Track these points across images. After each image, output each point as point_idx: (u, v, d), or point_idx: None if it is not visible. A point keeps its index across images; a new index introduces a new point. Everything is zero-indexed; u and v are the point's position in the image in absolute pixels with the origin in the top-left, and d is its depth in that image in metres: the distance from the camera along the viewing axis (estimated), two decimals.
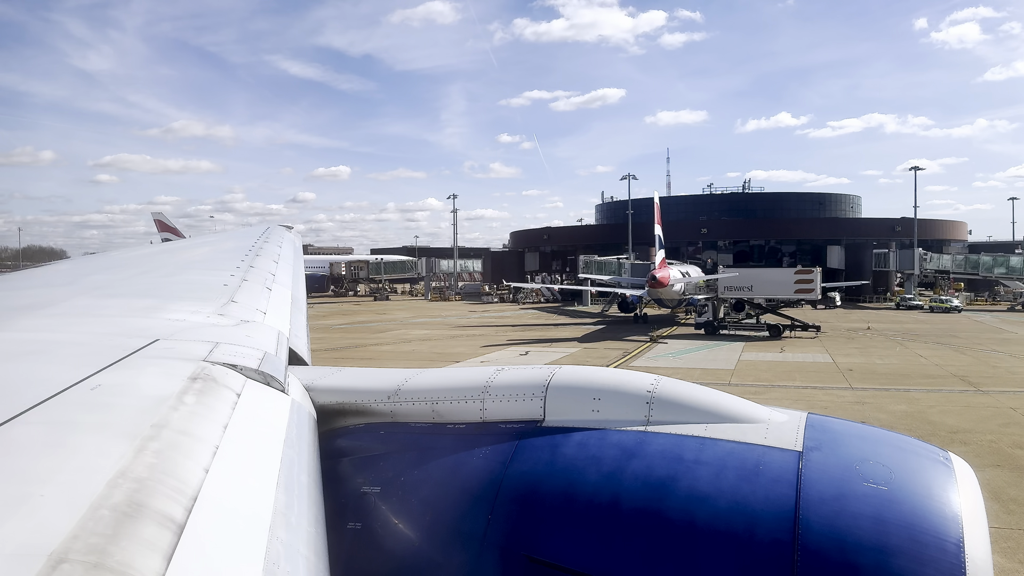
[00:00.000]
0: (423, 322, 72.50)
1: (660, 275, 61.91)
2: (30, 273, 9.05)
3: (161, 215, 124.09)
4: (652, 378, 3.83)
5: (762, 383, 33.96)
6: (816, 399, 29.62)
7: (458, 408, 3.90)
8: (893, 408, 27.68)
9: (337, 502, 3.50)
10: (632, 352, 46.85)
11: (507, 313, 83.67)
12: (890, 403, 28.75)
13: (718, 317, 60.58)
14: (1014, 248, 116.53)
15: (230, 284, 6.65)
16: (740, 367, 39.68)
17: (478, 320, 73.81)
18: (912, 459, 3.28)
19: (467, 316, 79.05)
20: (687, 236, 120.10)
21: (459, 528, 3.40)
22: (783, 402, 20.25)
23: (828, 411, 6.20)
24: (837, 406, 27.87)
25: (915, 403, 28.68)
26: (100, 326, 4.43)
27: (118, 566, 1.71)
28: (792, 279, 58.89)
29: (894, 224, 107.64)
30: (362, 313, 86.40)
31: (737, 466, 3.24)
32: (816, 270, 59.35)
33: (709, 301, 61.56)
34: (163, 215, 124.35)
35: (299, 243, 13.60)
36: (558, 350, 47.72)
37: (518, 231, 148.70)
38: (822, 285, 71.26)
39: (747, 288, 59.74)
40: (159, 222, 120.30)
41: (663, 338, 56.42)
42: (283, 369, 3.92)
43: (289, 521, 2.44)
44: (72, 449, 2.28)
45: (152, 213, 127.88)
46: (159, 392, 2.92)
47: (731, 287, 59.81)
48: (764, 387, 32.74)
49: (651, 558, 3.05)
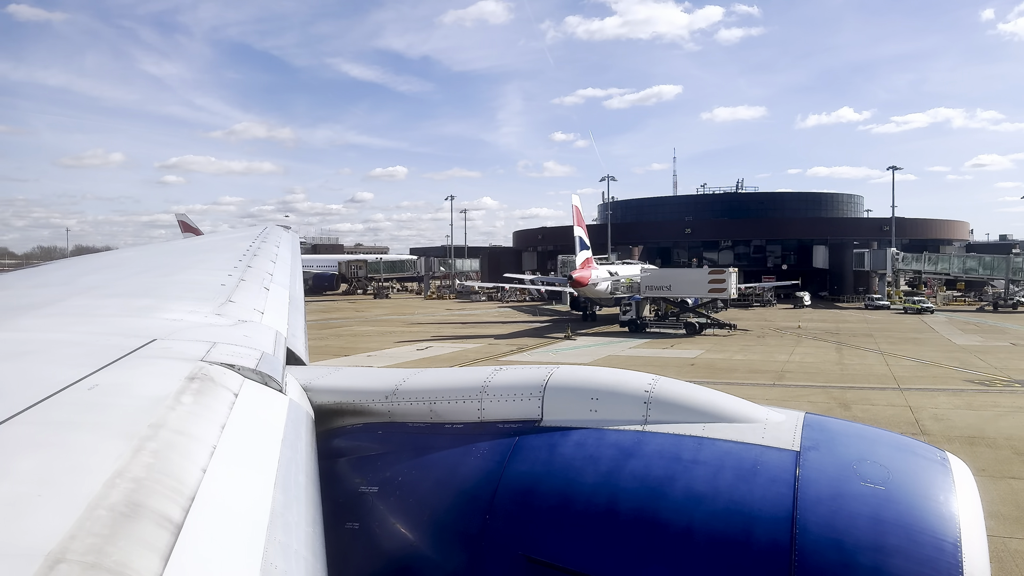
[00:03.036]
0: (389, 319, 75.39)
1: (577, 275, 64.22)
2: (28, 273, 9.03)
3: (184, 216, 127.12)
4: (650, 378, 3.83)
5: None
6: None
7: (456, 408, 3.90)
8: None
9: (335, 502, 3.50)
10: (531, 348, 50.60)
11: (478, 311, 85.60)
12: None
13: (642, 315, 62.75)
14: (1012, 248, 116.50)
15: (227, 284, 6.64)
16: (604, 360, 42.73)
17: (441, 318, 76.16)
18: (910, 459, 3.28)
19: (437, 314, 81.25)
20: (673, 236, 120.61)
21: (457, 528, 3.40)
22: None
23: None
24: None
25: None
26: (97, 326, 4.43)
27: (115, 566, 1.70)
28: (706, 279, 60.87)
29: (883, 224, 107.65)
30: (342, 311, 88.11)
31: (734, 466, 3.24)
32: (728, 270, 61.04)
33: (632, 300, 63.53)
34: (186, 216, 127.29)
35: (297, 243, 13.59)
36: (461, 345, 51.27)
37: (520, 231, 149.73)
38: (761, 285, 79.52)
39: (666, 288, 62.08)
40: (182, 223, 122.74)
41: (586, 335, 58.77)
42: (281, 369, 3.91)
43: (287, 521, 2.44)
44: (69, 449, 2.27)
45: (176, 214, 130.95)
46: (156, 392, 2.91)
47: (652, 286, 62.09)
48: None
49: (649, 558, 3.05)
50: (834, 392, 32.16)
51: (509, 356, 45.67)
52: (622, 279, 65.98)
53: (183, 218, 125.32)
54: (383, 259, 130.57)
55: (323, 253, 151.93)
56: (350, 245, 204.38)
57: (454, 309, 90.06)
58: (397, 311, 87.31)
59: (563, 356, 45.94)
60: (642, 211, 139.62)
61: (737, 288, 74.19)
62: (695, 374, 36.98)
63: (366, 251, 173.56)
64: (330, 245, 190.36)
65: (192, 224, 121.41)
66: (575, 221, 70.87)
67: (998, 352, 45.63)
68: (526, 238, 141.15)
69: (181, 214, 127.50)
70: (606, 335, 58.93)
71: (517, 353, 47.20)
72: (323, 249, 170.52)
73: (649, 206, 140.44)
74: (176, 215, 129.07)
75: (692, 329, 58.92)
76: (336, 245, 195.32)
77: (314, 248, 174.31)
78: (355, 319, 75.38)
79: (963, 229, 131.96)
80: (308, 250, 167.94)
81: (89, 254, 16.36)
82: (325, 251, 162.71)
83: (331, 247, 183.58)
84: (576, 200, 73.00)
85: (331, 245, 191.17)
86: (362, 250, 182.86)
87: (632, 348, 50.66)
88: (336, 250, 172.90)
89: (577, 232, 69.80)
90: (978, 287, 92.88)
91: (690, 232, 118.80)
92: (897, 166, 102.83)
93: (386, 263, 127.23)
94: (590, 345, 52.14)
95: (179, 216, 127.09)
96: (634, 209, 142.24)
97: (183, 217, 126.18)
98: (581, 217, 71.85)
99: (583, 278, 63.72)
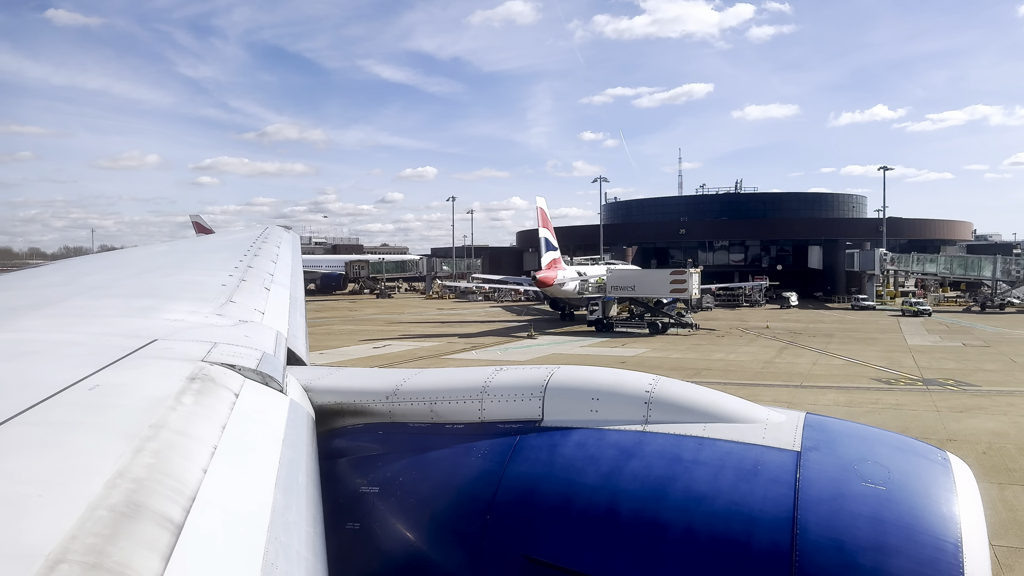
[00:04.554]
0: (374, 319, 76.89)
1: (541, 276, 65.42)
2: (29, 273, 9.03)
3: (198, 217, 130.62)
4: (651, 378, 3.82)
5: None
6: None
7: (456, 408, 3.90)
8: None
9: (336, 502, 3.50)
10: (486, 346, 52.21)
11: (468, 311, 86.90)
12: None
13: (608, 315, 63.75)
14: (1012, 248, 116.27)
15: (228, 284, 6.64)
16: (547, 359, 43.94)
17: (427, 318, 77.65)
18: (910, 459, 3.28)
19: (426, 314, 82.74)
20: (669, 237, 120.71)
21: (457, 528, 3.40)
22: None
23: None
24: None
25: None
26: (98, 326, 4.43)
27: (116, 566, 1.70)
28: (668, 279, 61.69)
29: (878, 224, 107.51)
30: (336, 310, 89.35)
31: (735, 466, 3.24)
32: (690, 271, 61.72)
33: (600, 300, 64.52)
34: (200, 217, 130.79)
35: (298, 244, 13.59)
36: (419, 343, 53.27)
37: (522, 231, 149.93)
38: (722, 286, 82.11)
39: (631, 288, 63.13)
40: (196, 224, 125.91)
41: (553, 334, 60.14)
42: (281, 369, 3.92)
43: (287, 521, 2.44)
44: (70, 449, 2.27)
45: (190, 215, 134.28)
46: (157, 392, 2.91)
47: (617, 286, 63.23)
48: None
49: (650, 558, 3.05)
50: (730, 388, 32.94)
51: (455, 354, 47.70)
52: (591, 279, 67.01)
53: (197, 219, 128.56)
54: (385, 259, 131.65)
55: (343, 253, 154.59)
56: (376, 246, 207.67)
57: (446, 309, 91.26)
58: (389, 311, 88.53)
59: (510, 355, 47.83)
60: (644, 211, 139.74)
61: (715, 290, 76.42)
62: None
63: (388, 252, 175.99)
64: (350, 245, 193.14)
65: (206, 225, 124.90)
66: (540, 223, 71.76)
67: (941, 352, 46.80)
68: (527, 238, 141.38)
69: (195, 215, 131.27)
70: (573, 334, 60.17)
71: (468, 351, 49.33)
72: (343, 249, 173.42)
73: (651, 206, 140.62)
74: (191, 216, 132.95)
75: (655, 328, 60.32)
76: (356, 245, 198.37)
77: (334, 248, 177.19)
78: (341, 318, 76.58)
79: (965, 229, 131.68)
80: (329, 250, 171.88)
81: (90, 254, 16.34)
82: (345, 251, 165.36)
83: (351, 247, 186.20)
84: (542, 202, 73.65)
85: (351, 245, 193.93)
86: (384, 251, 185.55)
87: (582, 347, 52.06)
88: (356, 250, 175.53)
89: (543, 233, 70.84)
90: (976, 287, 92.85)
91: (684, 233, 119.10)
92: (888, 166, 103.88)
93: (389, 263, 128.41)
94: (545, 344, 53.79)
95: (193, 217, 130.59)
96: (636, 209, 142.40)
97: (197, 218, 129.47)
98: (547, 219, 72.77)
99: (547, 278, 65.03)
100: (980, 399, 30.80)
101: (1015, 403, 29.97)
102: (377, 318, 77.74)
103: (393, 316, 79.80)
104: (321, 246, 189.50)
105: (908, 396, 31.70)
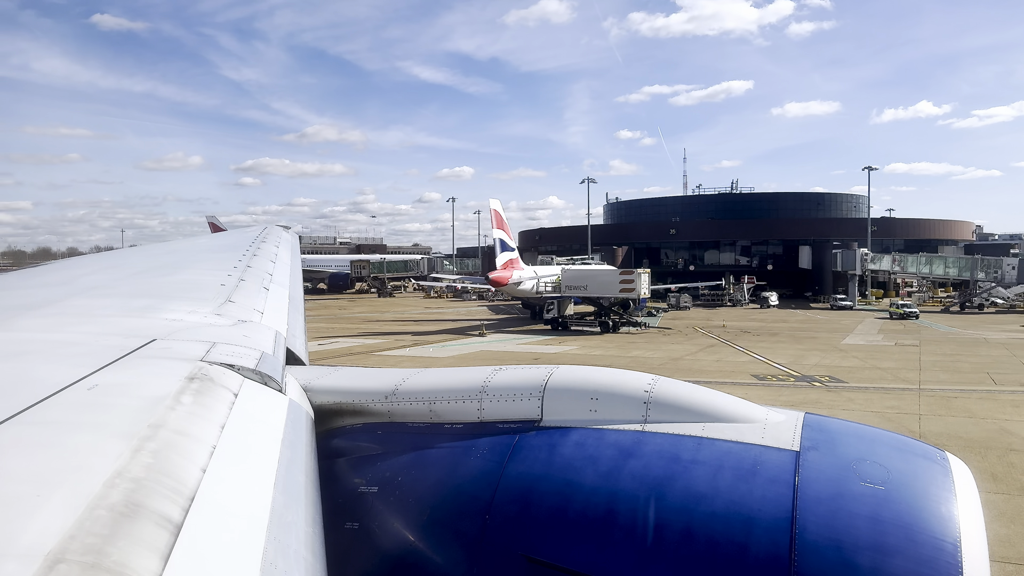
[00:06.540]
0: (357, 317, 78.24)
1: (494, 276, 66.43)
2: (28, 273, 9.03)
3: (214, 217, 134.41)
4: (650, 378, 3.82)
5: (463, 365, 40.44)
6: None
7: (456, 408, 3.90)
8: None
9: (335, 502, 3.50)
10: (430, 343, 53.96)
11: (451, 309, 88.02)
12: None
13: (563, 314, 65.16)
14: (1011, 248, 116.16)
15: (227, 284, 6.64)
16: (469, 356, 46.10)
17: (406, 317, 79.05)
18: (909, 459, 3.28)
19: (408, 313, 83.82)
20: (662, 237, 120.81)
21: (456, 528, 3.40)
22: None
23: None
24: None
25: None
26: (97, 326, 4.42)
27: (115, 566, 1.70)
28: (617, 279, 62.92)
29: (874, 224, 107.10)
30: (328, 308, 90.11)
31: (734, 466, 3.24)
32: (638, 272, 62.77)
33: (555, 298, 65.97)
34: (215, 217, 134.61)
35: (297, 243, 13.59)
36: (363, 340, 54.87)
37: (524, 231, 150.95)
38: (681, 285, 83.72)
39: (583, 287, 64.02)
40: (212, 224, 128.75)
41: (508, 332, 61.72)
42: (280, 369, 3.92)
43: (286, 521, 2.44)
44: (69, 449, 2.27)
45: (206, 216, 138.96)
46: (156, 392, 2.91)
47: (571, 286, 64.27)
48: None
49: (649, 558, 3.05)
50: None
51: (388, 351, 49.38)
52: (549, 279, 68.09)
53: (212, 219, 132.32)
54: (387, 259, 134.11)
55: (367, 253, 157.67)
56: (408, 245, 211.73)
57: (432, 307, 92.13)
58: (379, 309, 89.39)
59: (439, 352, 49.35)
60: (641, 211, 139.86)
61: (701, 289, 77.75)
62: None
63: (409, 252, 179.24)
64: (373, 245, 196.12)
65: (221, 225, 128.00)
66: (494, 224, 72.46)
67: (863, 352, 47.63)
68: (528, 238, 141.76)
69: (211, 216, 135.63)
70: (528, 333, 61.50)
71: (409, 347, 51.65)
72: (366, 250, 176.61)
73: (648, 207, 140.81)
74: (207, 217, 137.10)
75: (606, 327, 61.56)
76: (380, 245, 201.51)
77: (358, 248, 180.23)
78: (326, 316, 77.53)
79: (965, 229, 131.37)
80: (352, 250, 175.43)
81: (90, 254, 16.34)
82: (368, 251, 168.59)
83: (374, 247, 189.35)
84: (496, 204, 74.13)
85: (374, 245, 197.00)
86: (406, 251, 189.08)
87: (517, 344, 53.90)
88: (379, 250, 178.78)
89: (497, 234, 71.55)
90: (965, 287, 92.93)
91: (675, 233, 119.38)
92: (873, 166, 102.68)
93: (391, 263, 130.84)
94: (484, 342, 55.40)
95: (209, 218, 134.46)
96: (635, 209, 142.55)
97: (212, 219, 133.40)
98: (502, 220, 73.51)
99: (500, 278, 66.12)
100: (831, 394, 32.44)
101: (854, 397, 31.62)
102: (359, 316, 78.46)
103: (375, 315, 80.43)
104: (346, 246, 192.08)
105: (763, 391, 33.18)
